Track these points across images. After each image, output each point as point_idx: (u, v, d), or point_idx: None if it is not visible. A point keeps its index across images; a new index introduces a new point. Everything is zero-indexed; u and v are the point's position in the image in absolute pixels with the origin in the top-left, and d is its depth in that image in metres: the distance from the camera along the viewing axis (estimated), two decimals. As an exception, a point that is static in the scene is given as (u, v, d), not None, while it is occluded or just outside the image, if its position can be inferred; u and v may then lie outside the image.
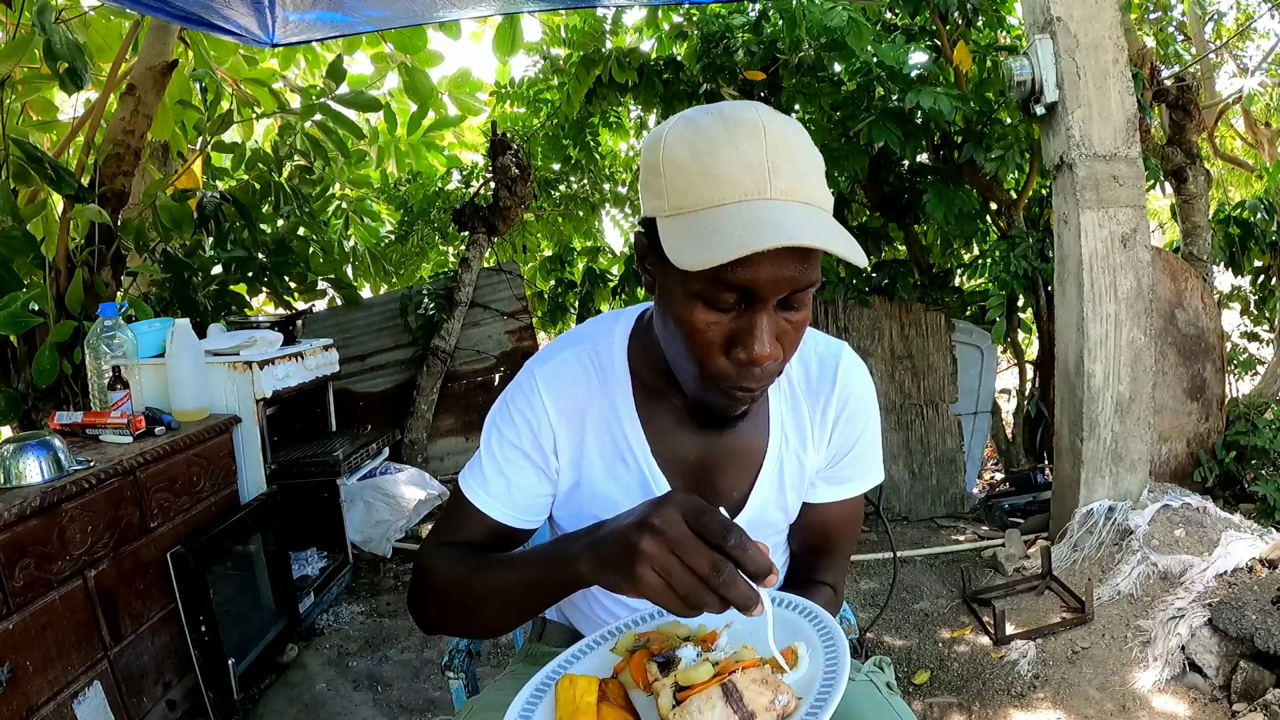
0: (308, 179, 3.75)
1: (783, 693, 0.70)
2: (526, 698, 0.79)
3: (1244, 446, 3.35)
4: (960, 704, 2.11)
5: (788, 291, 0.76)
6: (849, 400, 0.96)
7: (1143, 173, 2.71)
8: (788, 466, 0.96)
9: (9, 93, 2.58)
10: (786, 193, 0.73)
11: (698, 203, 0.74)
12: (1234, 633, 1.97)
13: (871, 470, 1.02)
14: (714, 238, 0.71)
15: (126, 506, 1.89)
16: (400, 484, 3.31)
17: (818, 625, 0.80)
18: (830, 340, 0.99)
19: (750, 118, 0.75)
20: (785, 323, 0.79)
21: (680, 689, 0.72)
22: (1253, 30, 5.89)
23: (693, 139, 0.76)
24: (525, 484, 0.94)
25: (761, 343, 0.76)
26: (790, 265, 0.73)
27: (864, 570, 3.02)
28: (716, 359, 0.79)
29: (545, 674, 0.83)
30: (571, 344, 0.97)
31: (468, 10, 2.88)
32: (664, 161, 0.77)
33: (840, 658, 0.73)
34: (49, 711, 1.59)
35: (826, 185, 0.79)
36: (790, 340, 0.80)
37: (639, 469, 0.93)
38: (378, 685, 2.35)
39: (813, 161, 0.77)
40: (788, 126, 0.76)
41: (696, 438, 0.94)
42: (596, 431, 0.94)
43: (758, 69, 3.67)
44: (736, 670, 0.72)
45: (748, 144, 0.74)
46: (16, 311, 2.28)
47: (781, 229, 0.70)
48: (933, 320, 3.71)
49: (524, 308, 4.33)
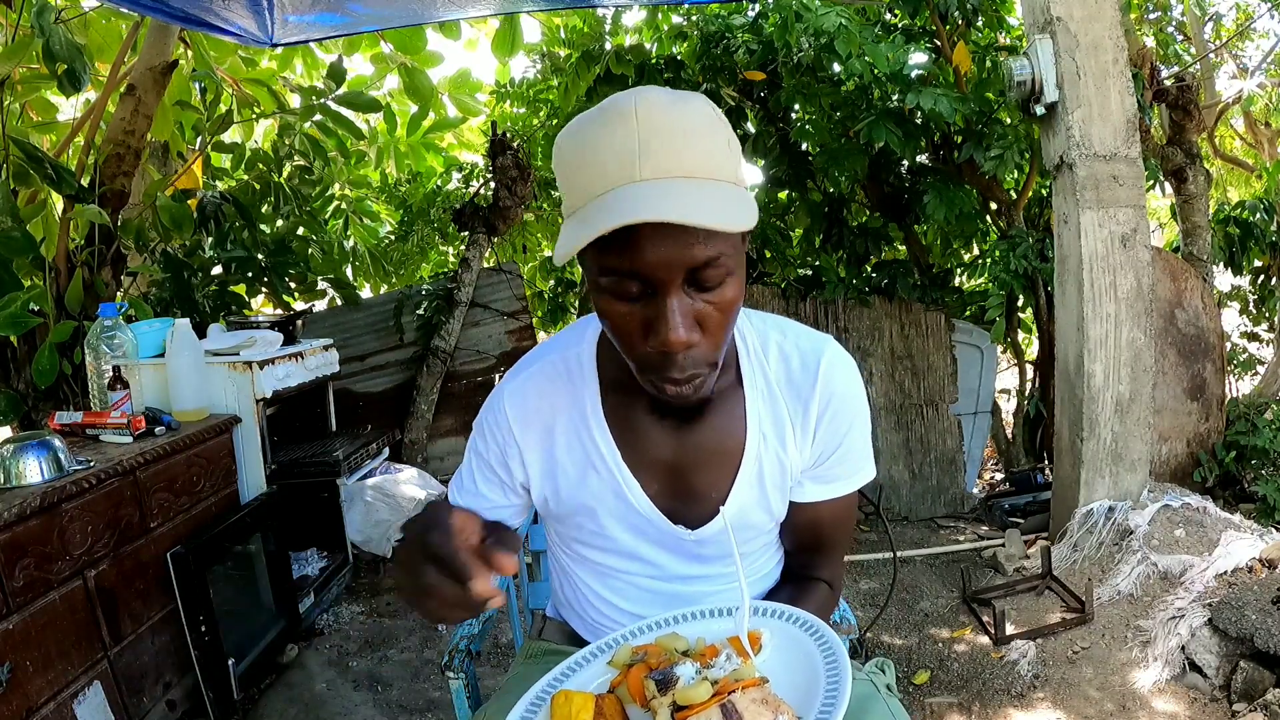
0: (307, 179, 3.75)
1: (783, 713, 0.69)
2: (522, 711, 0.79)
3: (1244, 446, 3.35)
4: (960, 704, 2.11)
5: (683, 272, 0.74)
6: (832, 398, 0.93)
7: (1143, 173, 2.71)
8: (767, 466, 0.94)
9: (9, 93, 2.58)
10: (659, 171, 0.72)
11: (580, 198, 0.74)
12: (1234, 633, 1.97)
13: (862, 468, 0.98)
14: (579, 229, 0.72)
15: (126, 506, 1.89)
16: (400, 484, 3.31)
17: (819, 640, 0.78)
18: (814, 335, 0.96)
19: (624, 103, 0.74)
20: (704, 305, 0.76)
21: (678, 709, 0.71)
22: (1252, 30, 5.89)
23: (576, 136, 0.76)
24: (491, 496, 0.98)
25: (670, 327, 0.74)
26: (671, 244, 0.72)
27: (864, 570, 3.02)
28: (638, 347, 0.79)
29: (541, 687, 0.82)
30: (541, 356, 0.97)
31: (467, 10, 2.88)
32: (556, 164, 0.78)
33: (842, 676, 0.71)
34: (49, 711, 1.59)
35: (731, 153, 0.77)
36: (715, 323, 0.78)
37: (610, 474, 0.93)
38: (378, 685, 2.35)
39: (703, 131, 0.75)
40: (670, 103, 0.74)
41: (669, 438, 0.92)
42: (566, 440, 0.94)
43: (757, 69, 3.68)
44: (736, 690, 0.70)
45: (619, 130, 0.73)
46: (16, 312, 2.29)
47: (633, 207, 0.69)
48: (933, 320, 3.71)
49: (524, 308, 4.33)
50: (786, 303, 3.73)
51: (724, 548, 0.95)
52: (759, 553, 1.02)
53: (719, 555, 0.97)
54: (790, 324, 0.98)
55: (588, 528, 0.97)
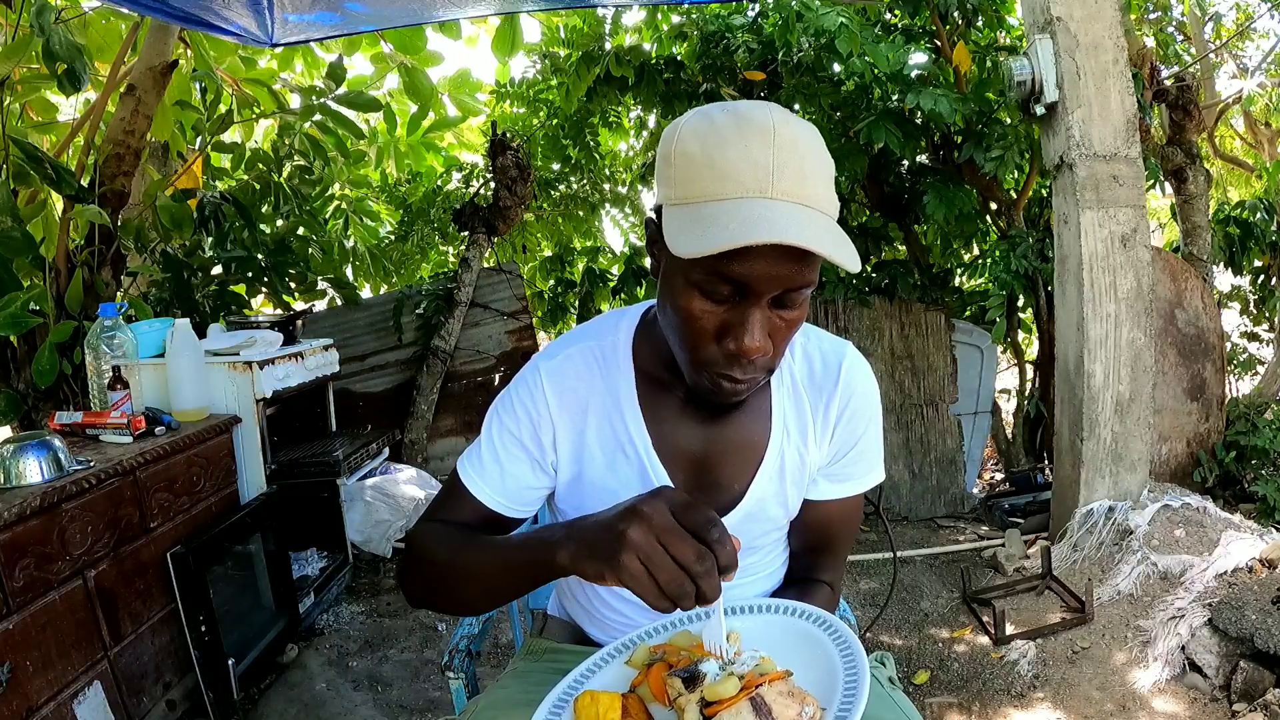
0: (307, 179, 3.75)
1: (809, 704, 0.70)
2: (546, 712, 0.78)
3: (1244, 446, 3.35)
4: (960, 704, 2.11)
5: (781, 289, 0.77)
6: (852, 398, 0.97)
7: (1143, 173, 2.71)
8: (789, 461, 0.96)
9: (9, 93, 2.58)
10: (789, 194, 0.75)
11: (702, 195, 0.76)
12: (1234, 633, 1.97)
13: (873, 469, 1.02)
14: (710, 229, 0.73)
15: (126, 506, 1.89)
16: (400, 484, 3.31)
17: (834, 636, 0.80)
18: (834, 339, 1.00)
19: (762, 118, 0.77)
20: (778, 320, 0.80)
21: (707, 704, 0.72)
22: (1252, 30, 5.89)
23: (705, 133, 0.77)
24: (519, 474, 0.96)
25: (751, 335, 0.78)
26: (786, 264, 0.75)
27: (864, 570, 3.02)
28: (708, 346, 0.81)
29: (563, 688, 0.82)
30: (577, 340, 0.99)
31: (467, 10, 2.88)
32: (676, 152, 0.79)
33: (860, 668, 0.73)
34: (49, 711, 1.59)
35: (834, 191, 0.80)
36: (782, 337, 0.82)
37: (639, 460, 0.94)
38: (378, 685, 2.35)
39: (821, 166, 0.78)
40: (800, 129, 0.77)
41: (698, 430, 0.95)
42: (598, 424, 0.95)
43: (757, 69, 3.68)
44: (763, 684, 0.71)
45: (757, 143, 0.75)
46: (16, 312, 2.28)
47: (775, 227, 0.71)
48: (933, 320, 3.71)
49: (524, 308, 4.33)
50: (786, 303, 3.73)
51: (742, 540, 0.96)
52: (770, 548, 1.03)
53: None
54: (811, 327, 1.02)
55: None
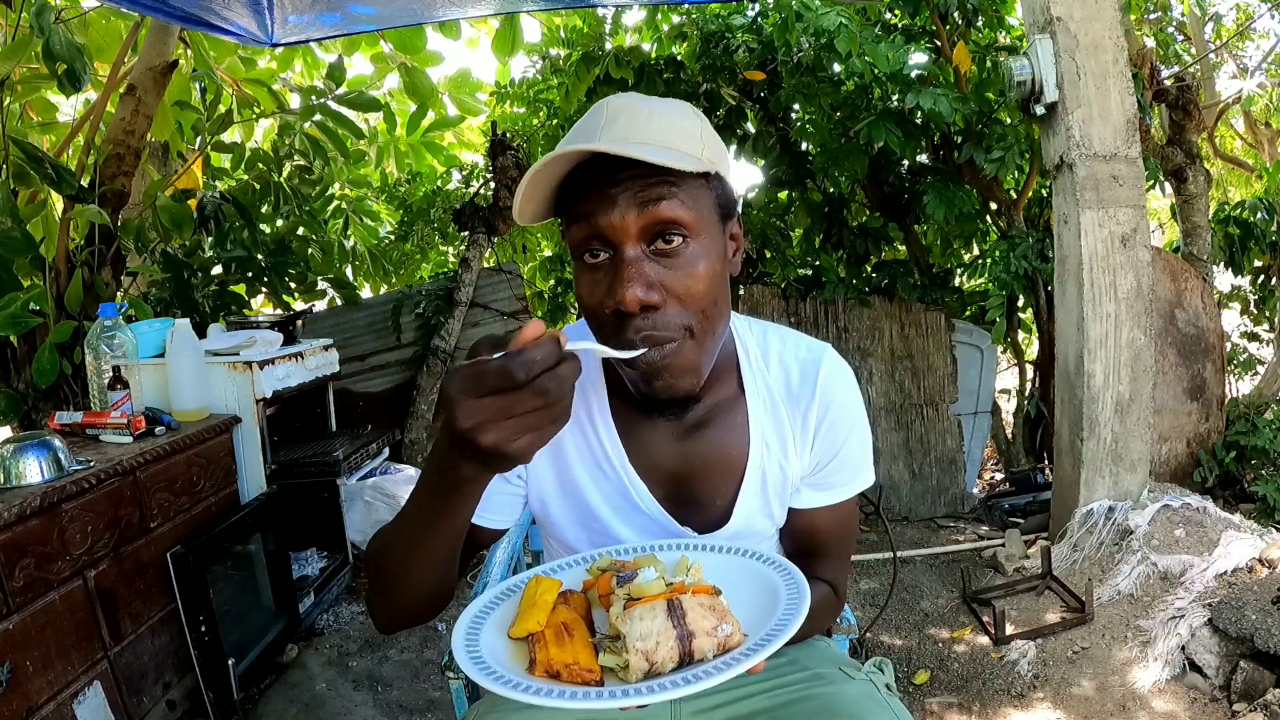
0: (307, 179, 3.75)
1: (728, 622, 0.72)
2: (497, 592, 0.83)
3: (1244, 446, 3.35)
4: (960, 704, 2.11)
5: (638, 229, 0.77)
6: (830, 407, 0.94)
7: (1143, 173, 2.70)
8: (770, 475, 0.95)
9: (9, 93, 2.58)
10: (615, 138, 0.77)
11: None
12: (1234, 633, 1.97)
13: (859, 475, 0.99)
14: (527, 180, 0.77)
15: (126, 506, 1.89)
16: (400, 484, 3.31)
17: (788, 581, 0.79)
18: (813, 344, 0.98)
19: (604, 100, 0.82)
20: (664, 269, 0.79)
21: (632, 600, 0.74)
22: (1252, 30, 5.89)
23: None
24: (492, 481, 0.94)
25: (623, 282, 0.77)
26: (629, 203, 0.76)
27: (864, 570, 3.02)
28: (605, 319, 0.80)
29: (520, 578, 0.86)
30: None
31: (467, 10, 2.88)
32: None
33: (798, 605, 0.73)
34: (49, 711, 1.59)
35: (696, 140, 0.80)
36: (679, 286, 0.79)
37: (618, 477, 0.94)
38: (378, 685, 2.35)
39: (666, 114, 0.80)
40: (645, 97, 0.81)
41: (673, 446, 0.93)
42: (574, 439, 0.94)
43: (757, 69, 3.68)
44: (687, 593, 0.74)
45: (589, 117, 0.81)
46: (16, 312, 2.28)
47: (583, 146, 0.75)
48: (933, 320, 3.71)
49: (524, 308, 4.33)
50: (786, 303, 3.72)
51: None
52: None
53: None
54: (789, 332, 0.99)
55: (593, 527, 0.97)
